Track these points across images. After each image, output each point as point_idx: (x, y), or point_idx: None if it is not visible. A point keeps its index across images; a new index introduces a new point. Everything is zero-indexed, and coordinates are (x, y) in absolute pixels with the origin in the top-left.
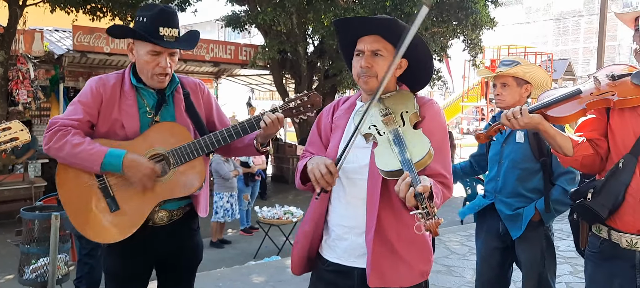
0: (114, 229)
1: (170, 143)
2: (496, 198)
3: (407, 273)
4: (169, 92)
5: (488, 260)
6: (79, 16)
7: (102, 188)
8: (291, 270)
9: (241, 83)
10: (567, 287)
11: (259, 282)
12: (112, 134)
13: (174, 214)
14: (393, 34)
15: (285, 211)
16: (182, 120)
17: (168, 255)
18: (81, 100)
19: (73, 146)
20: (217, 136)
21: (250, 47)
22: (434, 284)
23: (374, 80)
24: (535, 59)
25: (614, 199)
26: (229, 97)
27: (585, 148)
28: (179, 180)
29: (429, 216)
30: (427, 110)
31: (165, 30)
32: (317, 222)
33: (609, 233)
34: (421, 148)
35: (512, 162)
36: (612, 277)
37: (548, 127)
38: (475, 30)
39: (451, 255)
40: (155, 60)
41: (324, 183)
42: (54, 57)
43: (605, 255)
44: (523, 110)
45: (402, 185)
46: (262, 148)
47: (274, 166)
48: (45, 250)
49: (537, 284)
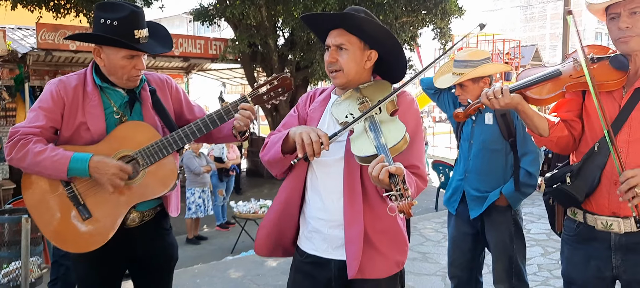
0: (90, 237)
1: (138, 142)
2: (466, 178)
3: (383, 263)
4: (137, 90)
5: (460, 245)
6: (43, 13)
7: (72, 197)
8: (255, 250)
9: (212, 77)
10: (538, 268)
11: (236, 277)
12: (77, 137)
13: (145, 215)
14: (354, 26)
15: (261, 205)
16: (150, 118)
17: (141, 256)
18: (42, 106)
19: (35, 155)
20: (185, 131)
21: (220, 41)
22: (410, 271)
23: (341, 74)
24: (503, 45)
25: (591, 182)
26: (200, 92)
27: (560, 129)
28: (150, 181)
29: (402, 197)
30: (401, 100)
31: (140, 33)
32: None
33: (584, 217)
34: (396, 133)
35: (482, 143)
36: (589, 258)
37: (526, 108)
38: (444, 19)
39: (426, 242)
40: (131, 64)
41: (311, 150)
42: (17, 56)
43: (582, 238)
44: (504, 91)
45: (376, 166)
46: (241, 136)
47: (249, 160)
48: (17, 254)
49: (508, 267)
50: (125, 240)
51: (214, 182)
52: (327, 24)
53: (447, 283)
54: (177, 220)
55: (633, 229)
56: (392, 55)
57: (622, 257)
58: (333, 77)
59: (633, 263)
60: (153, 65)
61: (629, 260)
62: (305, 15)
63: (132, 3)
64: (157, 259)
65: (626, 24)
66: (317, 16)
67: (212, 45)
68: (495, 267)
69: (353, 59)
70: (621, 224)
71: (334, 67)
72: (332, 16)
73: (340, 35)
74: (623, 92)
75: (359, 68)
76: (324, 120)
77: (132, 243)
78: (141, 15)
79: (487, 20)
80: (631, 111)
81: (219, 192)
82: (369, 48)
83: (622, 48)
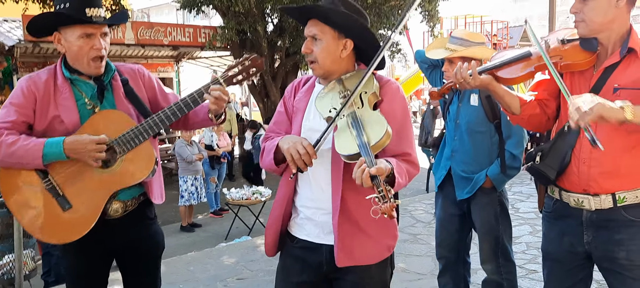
0: (71, 228)
1: (113, 131)
2: (452, 157)
3: (373, 249)
4: (106, 80)
5: (447, 226)
6: (29, 5)
7: (50, 189)
8: (265, 252)
9: (203, 65)
10: (526, 246)
11: (230, 263)
12: (51, 131)
13: (128, 205)
14: (326, 16)
15: (254, 191)
16: (123, 106)
17: (126, 247)
18: (13, 101)
19: (8, 146)
20: (160, 116)
21: (209, 29)
22: (400, 253)
23: (317, 66)
24: (491, 26)
25: (561, 160)
26: (191, 80)
27: (532, 108)
28: (128, 168)
29: (385, 200)
30: (386, 90)
31: (93, 11)
32: (286, 204)
33: (560, 194)
34: (378, 130)
35: (467, 124)
36: (563, 234)
37: (497, 87)
38: (432, 2)
39: (417, 223)
40: (89, 44)
41: (302, 163)
42: (5, 49)
43: (557, 214)
44: (473, 72)
45: (357, 172)
46: (217, 120)
47: (240, 147)
48: (10, 247)
49: (495, 247)
50: (109, 231)
51: (206, 169)
52: (304, 15)
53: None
54: (171, 208)
55: (603, 207)
56: (365, 42)
57: (593, 233)
58: (312, 68)
59: (603, 240)
60: (143, 54)
61: (599, 237)
62: (283, 7)
63: None
64: (143, 249)
65: (575, 8)
66: (291, 8)
67: (201, 33)
68: (482, 247)
69: (326, 48)
70: (591, 201)
71: (310, 58)
72: (302, 8)
73: (314, 25)
74: (593, 71)
75: (334, 57)
76: (309, 110)
77: (116, 234)
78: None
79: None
80: (600, 90)
81: (211, 180)
82: (345, 37)
83: (578, 31)
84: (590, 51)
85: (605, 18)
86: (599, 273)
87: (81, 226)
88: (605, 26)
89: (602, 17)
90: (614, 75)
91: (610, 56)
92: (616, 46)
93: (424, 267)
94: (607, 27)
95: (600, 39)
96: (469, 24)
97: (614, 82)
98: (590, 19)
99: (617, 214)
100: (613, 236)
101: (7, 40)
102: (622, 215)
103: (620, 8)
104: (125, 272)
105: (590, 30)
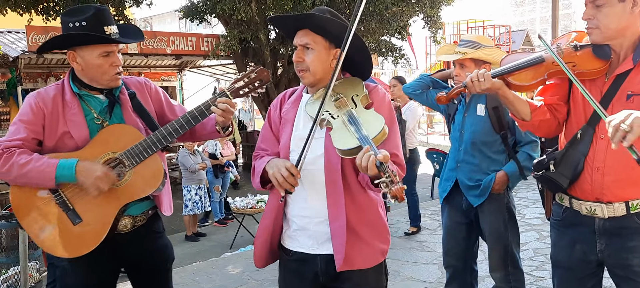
0: (81, 242)
1: (122, 145)
2: (458, 168)
3: (370, 254)
4: (116, 92)
5: (454, 234)
6: (33, 16)
7: (60, 203)
8: (255, 263)
9: (206, 74)
10: (534, 253)
11: (235, 273)
12: (61, 146)
13: (137, 220)
14: (318, 26)
15: (258, 200)
16: (131, 120)
17: (135, 261)
18: (22, 118)
19: (20, 166)
20: (168, 129)
21: (211, 38)
22: (407, 261)
23: (308, 74)
24: (493, 31)
25: (574, 169)
26: (194, 89)
27: (542, 113)
28: (137, 181)
29: (393, 183)
30: (374, 95)
31: (110, 29)
32: (276, 215)
33: (570, 202)
34: (376, 124)
35: (472, 133)
36: (574, 242)
37: (507, 93)
38: (434, 7)
39: (422, 231)
40: (108, 61)
41: (288, 185)
42: (8, 60)
43: (568, 222)
44: (486, 75)
45: (363, 157)
46: (224, 132)
47: (244, 155)
48: (15, 259)
49: (504, 255)
50: (118, 246)
51: (209, 178)
52: (294, 24)
53: (444, 271)
54: (175, 218)
55: (616, 214)
56: (357, 53)
57: (606, 241)
58: (301, 77)
59: (616, 248)
60: (146, 64)
61: (613, 245)
62: (272, 17)
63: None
64: (152, 262)
65: (588, 15)
66: (283, 18)
67: (203, 41)
68: (491, 255)
69: (318, 57)
70: (604, 209)
71: (301, 67)
72: (296, 17)
73: (305, 35)
74: (605, 79)
75: (325, 66)
76: (298, 119)
77: (125, 249)
78: (107, 12)
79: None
80: (613, 97)
81: (215, 189)
82: (335, 47)
83: (590, 38)
84: (603, 59)
85: (619, 24)
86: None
87: (91, 240)
88: (620, 33)
89: (617, 23)
90: (627, 82)
91: (623, 63)
92: (628, 52)
93: (430, 275)
94: (621, 34)
95: (613, 45)
96: (471, 29)
97: (628, 89)
98: (606, 26)
99: (630, 221)
100: (626, 243)
101: (11, 52)
102: (635, 222)
103: (635, 14)
104: (136, 285)
105: (604, 37)
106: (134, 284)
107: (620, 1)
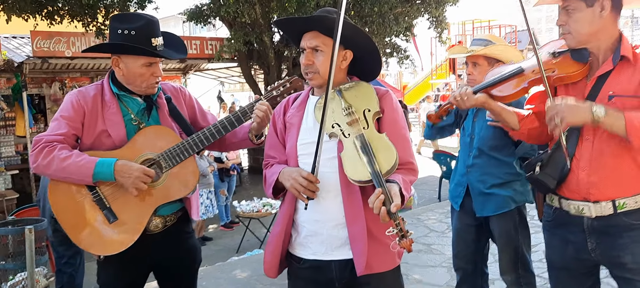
0: (116, 240)
1: (159, 146)
2: (468, 173)
3: (388, 256)
4: (154, 97)
5: (464, 236)
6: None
7: (97, 201)
8: (266, 273)
9: (210, 77)
10: (544, 254)
11: (242, 278)
12: (98, 144)
13: (168, 220)
14: (328, 28)
15: (264, 203)
16: (167, 123)
17: (165, 261)
18: (63, 115)
19: (61, 160)
20: (205, 133)
21: (216, 41)
22: (415, 264)
23: (318, 77)
24: (499, 31)
25: (561, 170)
26: (198, 92)
27: (530, 122)
28: (173, 182)
29: (402, 235)
30: (385, 102)
31: (156, 41)
32: (287, 223)
33: (559, 202)
34: (389, 157)
35: (482, 139)
36: (566, 242)
37: (493, 105)
38: (439, 7)
39: (430, 233)
40: (149, 71)
41: (309, 193)
42: (13, 65)
43: (558, 223)
44: (468, 93)
45: (376, 203)
46: (257, 140)
47: (250, 158)
48: (22, 265)
49: (514, 258)
50: (148, 246)
51: (215, 182)
52: (301, 27)
53: (453, 274)
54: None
55: (604, 213)
56: (367, 53)
57: (596, 240)
58: (310, 79)
59: (607, 246)
60: None
61: (603, 243)
62: (279, 20)
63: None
64: (181, 263)
65: (561, 21)
66: (291, 20)
67: (208, 45)
68: (501, 258)
69: (329, 60)
70: (591, 208)
71: (311, 69)
72: (306, 19)
73: (315, 37)
74: (586, 81)
75: (336, 68)
76: (306, 123)
77: (156, 248)
78: (156, 24)
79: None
80: (595, 98)
81: (220, 192)
82: (344, 48)
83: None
84: (581, 62)
85: (591, 29)
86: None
87: (125, 239)
88: (593, 36)
89: (588, 28)
90: (608, 83)
91: (603, 64)
92: (608, 54)
93: (439, 278)
94: (594, 38)
95: (590, 48)
96: (477, 29)
97: (609, 89)
98: (576, 31)
99: (618, 220)
100: (616, 241)
101: (16, 57)
102: (622, 220)
103: (605, 18)
104: (163, 285)
105: (578, 42)
106: (160, 284)
107: (588, 6)
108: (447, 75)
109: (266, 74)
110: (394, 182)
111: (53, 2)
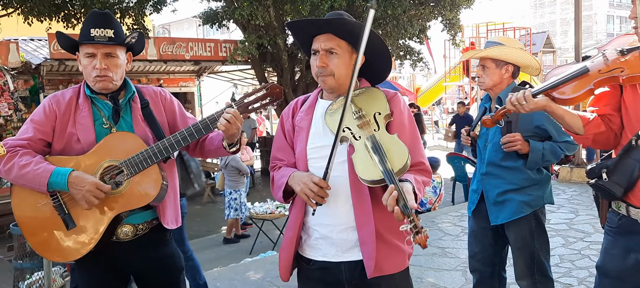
0: (73, 246)
1: (126, 152)
2: (484, 180)
3: (397, 258)
4: (124, 101)
5: (480, 239)
6: (54, 24)
7: (57, 206)
8: (281, 277)
9: (224, 79)
10: (560, 259)
11: (256, 279)
12: (69, 149)
13: (139, 229)
14: (344, 31)
15: (277, 205)
16: (140, 128)
17: (141, 269)
18: (33, 118)
19: (20, 168)
20: (170, 140)
21: (230, 43)
22: (430, 267)
23: (331, 79)
24: (513, 33)
25: (629, 177)
26: (212, 94)
27: (596, 126)
28: (134, 191)
29: (417, 230)
30: (394, 104)
31: (96, 31)
32: (298, 227)
33: (627, 210)
34: (400, 156)
35: (495, 144)
36: (628, 251)
37: (555, 108)
38: (453, 10)
39: (445, 236)
40: (91, 63)
41: (318, 199)
42: (31, 67)
43: (623, 230)
44: (526, 96)
45: (389, 200)
46: (230, 148)
47: (263, 160)
48: (39, 265)
49: (530, 263)
50: (118, 254)
51: None
52: (314, 29)
53: (468, 277)
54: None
55: None
56: (379, 56)
57: None
58: (323, 81)
59: None
60: (165, 70)
61: None
62: (292, 22)
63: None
64: (156, 271)
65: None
66: (306, 22)
67: (222, 47)
68: (516, 263)
69: (343, 62)
70: None
71: (325, 72)
72: (322, 22)
73: (329, 39)
74: None
75: (348, 71)
76: (315, 127)
77: (129, 256)
78: (103, 15)
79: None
80: None
81: None
82: (357, 51)
83: None
84: None
85: None
86: None
87: (82, 246)
88: None
89: None
90: None
91: None
92: None
93: (454, 282)
94: None
95: None
96: (490, 32)
97: None
98: None
99: None
100: None
101: (33, 59)
102: None
103: None
104: None
105: None
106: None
107: None
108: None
109: (279, 77)
110: (407, 181)
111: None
